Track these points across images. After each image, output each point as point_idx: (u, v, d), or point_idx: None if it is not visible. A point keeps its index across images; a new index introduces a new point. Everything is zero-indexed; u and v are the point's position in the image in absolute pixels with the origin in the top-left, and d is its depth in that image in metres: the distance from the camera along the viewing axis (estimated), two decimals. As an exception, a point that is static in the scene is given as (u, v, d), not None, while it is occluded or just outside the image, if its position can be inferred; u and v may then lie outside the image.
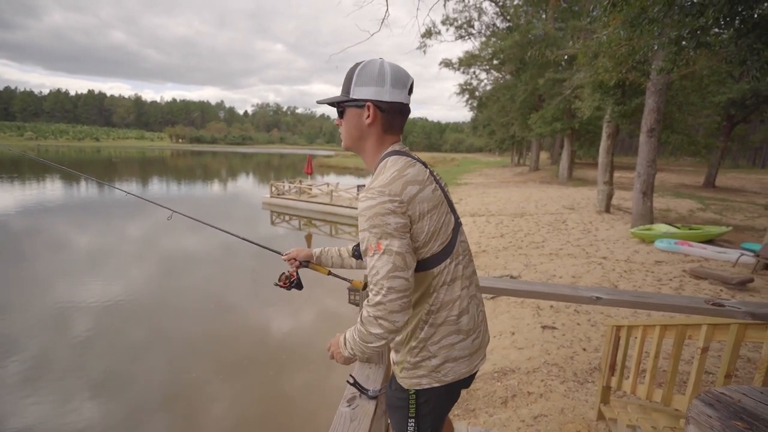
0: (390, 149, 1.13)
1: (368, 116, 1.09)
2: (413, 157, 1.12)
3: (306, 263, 1.54)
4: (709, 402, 1.06)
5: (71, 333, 6.19)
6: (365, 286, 1.57)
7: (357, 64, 1.11)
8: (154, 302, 7.50)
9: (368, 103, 1.08)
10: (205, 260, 10.28)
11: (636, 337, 2.66)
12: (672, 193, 16.44)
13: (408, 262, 0.99)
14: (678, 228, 8.66)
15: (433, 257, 1.06)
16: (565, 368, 3.86)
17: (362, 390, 1.34)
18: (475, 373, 1.21)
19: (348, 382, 1.36)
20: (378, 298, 0.97)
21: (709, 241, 8.30)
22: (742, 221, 10.94)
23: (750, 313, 1.46)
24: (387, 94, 1.08)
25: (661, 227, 8.74)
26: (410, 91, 1.13)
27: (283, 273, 1.56)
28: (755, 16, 3.65)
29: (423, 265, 1.07)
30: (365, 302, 1.01)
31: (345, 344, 1.13)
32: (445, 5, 22.76)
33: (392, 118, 1.12)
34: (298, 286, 1.56)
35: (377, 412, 1.33)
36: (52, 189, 21.13)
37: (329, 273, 1.56)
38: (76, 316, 6.73)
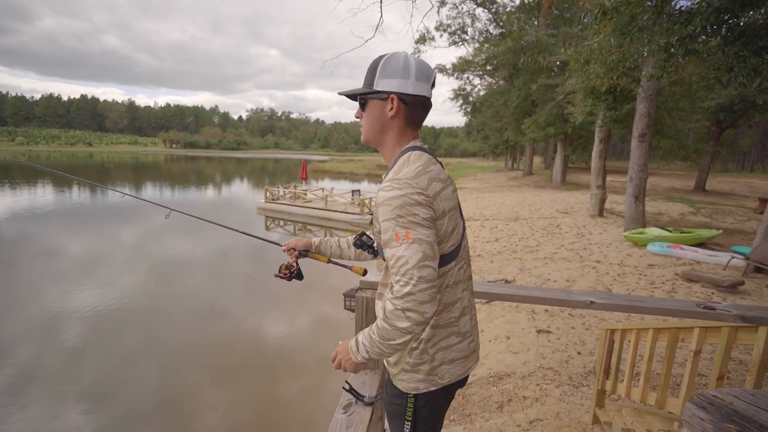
0: (412, 144, 1.12)
1: (391, 108, 1.08)
2: (434, 157, 1.13)
3: (305, 252, 1.52)
4: (702, 405, 1.07)
5: (63, 340, 6.10)
6: (365, 272, 1.58)
7: (381, 57, 1.10)
8: (147, 308, 7.42)
9: (392, 95, 1.07)
10: (200, 266, 10.20)
11: (630, 341, 2.68)
12: (663, 197, 16.63)
13: (436, 252, 0.97)
14: (670, 231, 8.76)
15: (443, 257, 1.06)
16: (560, 372, 3.87)
17: (358, 396, 1.34)
18: (469, 374, 1.23)
19: (344, 388, 1.36)
20: (407, 288, 0.92)
21: (700, 244, 8.40)
22: (732, 224, 11.09)
23: (740, 316, 1.48)
24: (411, 87, 1.07)
25: (653, 231, 8.84)
26: (433, 85, 1.13)
27: (283, 264, 1.52)
28: (741, 24, 3.73)
29: None
30: (388, 295, 0.97)
31: (357, 348, 1.07)
32: (438, 12, 23.06)
33: (415, 112, 1.11)
34: (299, 276, 1.54)
35: (373, 419, 1.33)
36: (44, 194, 20.89)
37: (329, 261, 1.55)
38: (67, 322, 6.64)
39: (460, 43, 25.91)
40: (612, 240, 9.11)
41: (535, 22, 22.57)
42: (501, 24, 23.94)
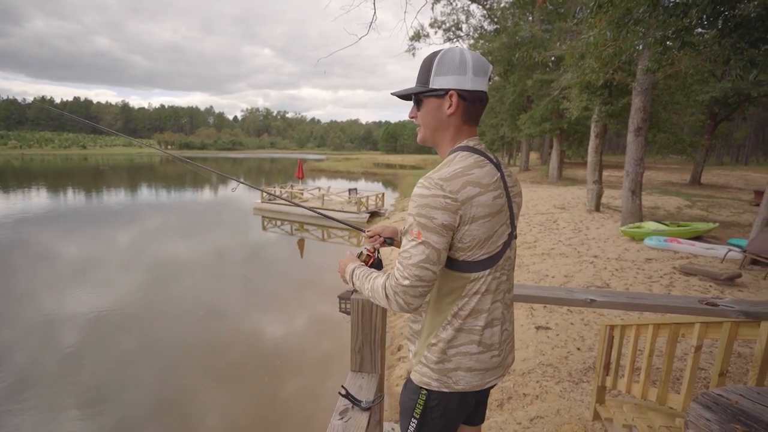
0: (465, 143, 1.09)
1: (450, 105, 1.06)
2: (487, 157, 1.08)
3: (391, 240, 1.42)
4: (707, 404, 1.05)
5: (59, 343, 6.04)
6: None
7: (435, 53, 1.07)
8: (143, 310, 7.36)
9: (451, 92, 1.05)
10: (196, 267, 10.13)
11: (629, 337, 2.66)
12: (660, 191, 16.68)
13: (441, 259, 1.01)
14: (667, 225, 8.76)
15: (475, 263, 1.05)
16: (560, 368, 3.86)
17: (355, 401, 1.30)
18: (489, 388, 1.19)
19: (340, 393, 1.33)
20: (406, 282, 1.00)
21: (697, 237, 8.41)
22: (728, 217, 11.13)
23: (743, 311, 1.46)
24: (469, 83, 1.05)
25: (650, 225, 8.84)
26: (489, 79, 1.11)
27: (362, 252, 1.40)
28: (737, 16, 3.71)
29: (463, 267, 1.05)
30: (393, 272, 1.04)
31: (351, 278, 1.21)
32: (433, 8, 22.98)
33: (473, 108, 1.09)
34: (378, 265, 1.42)
35: (371, 423, 1.30)
36: (38, 198, 20.71)
37: None
38: (64, 325, 6.58)
39: (455, 40, 25.80)
40: (609, 235, 9.12)
41: (530, 18, 22.52)
42: (495, 20, 23.87)
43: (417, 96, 1.11)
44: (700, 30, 4.21)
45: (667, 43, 4.24)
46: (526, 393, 3.53)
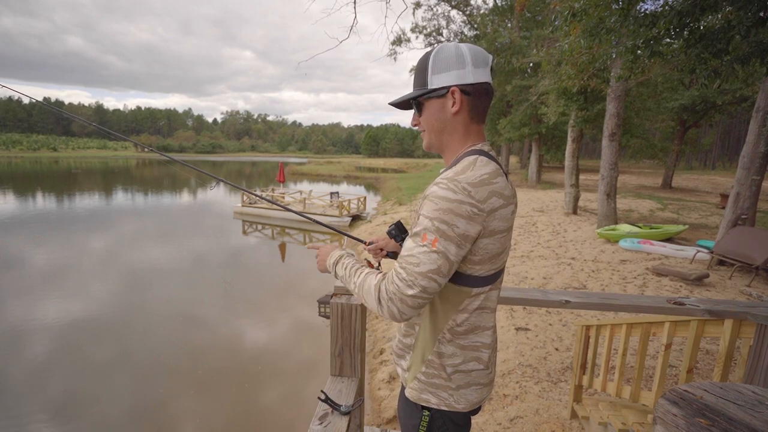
0: (479, 146, 1.01)
1: (454, 103, 0.98)
2: (501, 166, 1.00)
3: (393, 255, 1.34)
4: (674, 400, 1.09)
5: (27, 353, 5.77)
6: None
7: (428, 53, 1.00)
8: (118, 316, 7.11)
9: (453, 88, 0.97)
10: (174, 272, 9.88)
11: (605, 336, 2.74)
12: (633, 194, 17.25)
13: (450, 272, 0.92)
14: (640, 227, 9.07)
15: (479, 278, 0.99)
16: (539, 369, 3.93)
17: (334, 406, 1.30)
18: (482, 405, 1.16)
19: (319, 398, 1.32)
20: (409, 292, 0.89)
21: (668, 239, 8.74)
22: (697, 219, 11.60)
23: (708, 310, 1.52)
24: (470, 75, 0.97)
25: (624, 227, 9.13)
26: (492, 69, 1.03)
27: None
28: (701, 27, 3.90)
29: (466, 281, 0.99)
30: (392, 276, 0.92)
31: (335, 265, 1.10)
32: (414, 13, 23.23)
33: (479, 102, 1.00)
34: None
35: (351, 428, 1.29)
36: (4, 203, 19.82)
37: None
38: (33, 335, 6.29)
39: (436, 45, 26.11)
40: (586, 237, 9.36)
41: (509, 24, 23.02)
42: (475, 26, 24.30)
43: (417, 100, 1.03)
44: (668, 40, 4.41)
45: (638, 51, 4.43)
46: (506, 394, 3.58)
